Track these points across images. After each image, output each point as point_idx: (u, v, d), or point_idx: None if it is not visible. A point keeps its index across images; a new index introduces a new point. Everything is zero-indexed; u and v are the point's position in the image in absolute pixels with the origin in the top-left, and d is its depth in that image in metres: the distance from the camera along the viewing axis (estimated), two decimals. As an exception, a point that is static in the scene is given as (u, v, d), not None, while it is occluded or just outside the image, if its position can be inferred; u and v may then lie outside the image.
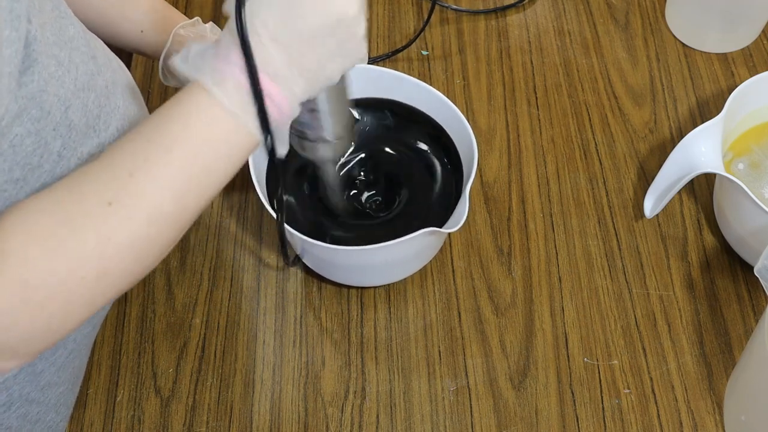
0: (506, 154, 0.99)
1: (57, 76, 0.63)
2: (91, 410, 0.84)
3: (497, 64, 1.06)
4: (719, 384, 0.84)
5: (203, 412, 0.84)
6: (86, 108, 0.67)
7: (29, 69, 0.59)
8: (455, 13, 1.11)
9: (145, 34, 0.84)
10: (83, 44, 0.69)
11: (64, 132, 0.64)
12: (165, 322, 0.89)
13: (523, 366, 0.85)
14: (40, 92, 0.61)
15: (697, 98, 1.03)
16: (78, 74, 0.66)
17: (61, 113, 0.63)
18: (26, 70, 0.59)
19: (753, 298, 0.89)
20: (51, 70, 0.62)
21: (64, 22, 0.67)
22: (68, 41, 0.66)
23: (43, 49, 0.61)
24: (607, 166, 0.98)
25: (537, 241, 0.93)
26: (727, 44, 1.07)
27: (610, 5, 1.12)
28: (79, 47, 0.67)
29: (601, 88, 1.04)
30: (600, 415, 0.82)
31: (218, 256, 0.93)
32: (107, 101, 0.70)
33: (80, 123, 0.66)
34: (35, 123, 0.61)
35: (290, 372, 0.85)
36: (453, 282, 0.90)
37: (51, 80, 0.62)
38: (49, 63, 0.62)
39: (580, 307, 0.88)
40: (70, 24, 0.68)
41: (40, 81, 0.61)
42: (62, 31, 0.66)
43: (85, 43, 0.69)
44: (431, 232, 0.78)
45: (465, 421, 0.82)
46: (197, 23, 0.86)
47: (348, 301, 0.89)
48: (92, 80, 0.68)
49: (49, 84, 0.62)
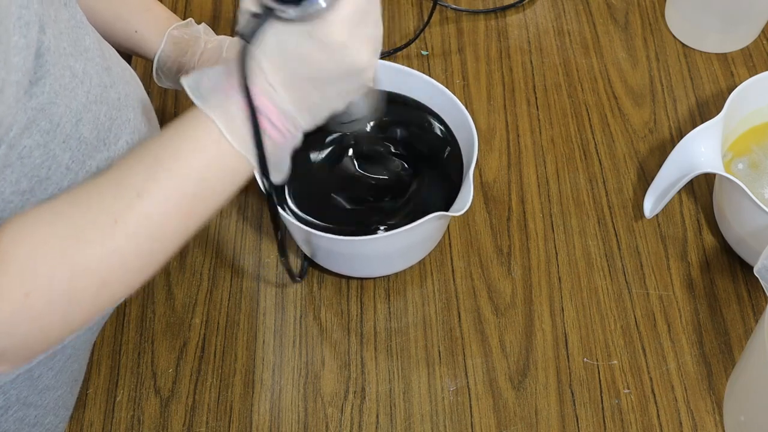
0: (506, 154, 0.99)
1: (70, 87, 0.63)
2: (90, 410, 0.84)
3: (497, 64, 1.06)
4: (719, 384, 0.84)
5: (203, 412, 0.84)
6: (98, 121, 0.66)
7: (41, 80, 0.59)
8: (455, 13, 1.11)
9: (139, 35, 0.84)
10: (98, 55, 0.68)
11: (73, 145, 0.64)
12: (165, 322, 0.89)
13: (522, 366, 0.85)
14: (50, 104, 0.60)
15: (696, 98, 1.03)
16: (91, 86, 0.66)
17: (72, 126, 0.63)
18: (38, 81, 0.59)
19: (753, 298, 0.89)
20: (64, 82, 0.62)
21: (80, 32, 0.66)
22: (84, 52, 0.66)
23: (57, 60, 0.61)
24: (607, 166, 0.98)
25: (537, 241, 0.93)
26: (727, 44, 1.07)
27: (609, 5, 1.12)
28: (94, 58, 0.67)
29: (600, 88, 1.04)
30: (600, 415, 0.82)
31: (218, 256, 0.93)
32: (119, 114, 0.70)
33: (91, 136, 0.66)
34: (44, 135, 0.61)
35: (290, 372, 0.85)
36: (453, 282, 0.90)
37: (63, 92, 0.62)
38: (63, 74, 0.62)
39: (579, 307, 0.88)
40: (86, 34, 0.67)
41: (51, 93, 0.60)
42: (78, 41, 0.65)
43: (100, 53, 0.69)
44: (439, 217, 0.78)
45: (465, 421, 0.82)
46: (191, 24, 0.86)
47: (348, 301, 0.89)
48: (105, 93, 0.68)
49: (60, 96, 0.62)
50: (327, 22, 0.57)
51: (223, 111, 0.59)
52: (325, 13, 0.56)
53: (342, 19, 0.57)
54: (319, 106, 0.62)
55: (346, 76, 0.60)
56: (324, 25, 0.57)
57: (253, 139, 0.59)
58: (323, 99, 0.61)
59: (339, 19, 0.57)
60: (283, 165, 0.64)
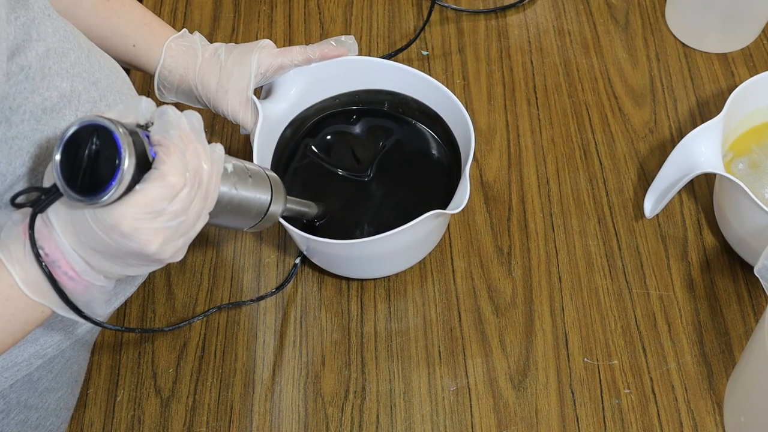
0: (506, 154, 0.99)
1: (57, 108, 0.64)
2: (91, 410, 0.84)
3: (497, 64, 1.06)
4: (719, 384, 0.84)
5: (203, 412, 0.84)
6: None
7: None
8: (455, 13, 1.11)
9: (137, 48, 0.84)
10: (85, 70, 0.69)
11: None
12: (165, 322, 0.89)
13: (523, 366, 0.85)
14: (33, 131, 0.61)
15: (697, 98, 1.03)
16: (80, 104, 0.66)
17: None
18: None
19: (753, 298, 0.89)
20: (51, 104, 0.63)
21: (66, 46, 0.67)
22: (69, 68, 0.66)
23: (39, 83, 0.61)
24: (607, 166, 0.98)
25: (537, 241, 0.93)
26: (727, 44, 1.06)
27: (610, 5, 1.12)
28: (81, 74, 0.68)
29: (601, 88, 1.04)
30: (600, 415, 0.82)
31: (218, 256, 0.93)
32: None
33: None
34: (34, 160, 0.62)
35: (290, 372, 0.85)
36: (453, 282, 0.90)
37: (45, 117, 0.63)
38: (51, 95, 0.63)
39: (580, 307, 0.88)
40: (71, 49, 0.68)
41: (32, 120, 0.61)
42: (63, 57, 0.66)
43: (88, 68, 0.69)
44: (437, 215, 0.78)
45: (465, 421, 0.82)
46: (185, 35, 0.85)
47: (348, 301, 0.89)
48: (95, 108, 0.68)
49: (42, 122, 0.63)
50: (111, 212, 0.56)
51: (17, 263, 0.58)
52: (109, 204, 0.56)
53: (125, 213, 0.56)
54: (110, 271, 0.61)
55: (133, 258, 0.60)
56: (107, 212, 0.56)
57: (53, 288, 0.59)
58: (113, 266, 0.60)
59: (122, 213, 0.56)
60: (93, 303, 0.62)
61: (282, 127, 0.89)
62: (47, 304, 0.60)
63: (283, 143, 0.90)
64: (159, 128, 0.58)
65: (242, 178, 0.69)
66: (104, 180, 0.55)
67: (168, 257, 0.61)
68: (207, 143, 0.61)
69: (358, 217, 0.88)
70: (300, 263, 0.90)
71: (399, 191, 0.89)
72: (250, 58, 0.83)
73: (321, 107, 0.92)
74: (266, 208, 0.73)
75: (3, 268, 0.58)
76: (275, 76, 0.86)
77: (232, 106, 0.84)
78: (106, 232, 0.57)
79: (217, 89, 0.83)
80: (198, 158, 0.59)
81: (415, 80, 0.89)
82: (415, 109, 0.91)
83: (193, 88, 0.84)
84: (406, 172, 0.90)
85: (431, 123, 0.90)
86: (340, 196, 0.89)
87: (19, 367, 0.73)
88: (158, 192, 0.57)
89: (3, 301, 0.58)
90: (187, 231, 0.61)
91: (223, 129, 1.02)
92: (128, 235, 0.57)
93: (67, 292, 0.59)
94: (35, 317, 0.60)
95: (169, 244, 0.59)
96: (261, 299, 0.88)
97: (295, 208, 0.80)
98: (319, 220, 0.86)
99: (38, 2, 0.65)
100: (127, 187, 0.56)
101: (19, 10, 0.62)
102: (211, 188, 0.61)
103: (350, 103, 0.92)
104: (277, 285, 0.89)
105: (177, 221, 0.59)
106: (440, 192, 0.87)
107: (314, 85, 0.89)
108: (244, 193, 0.69)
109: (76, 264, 0.59)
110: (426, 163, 0.90)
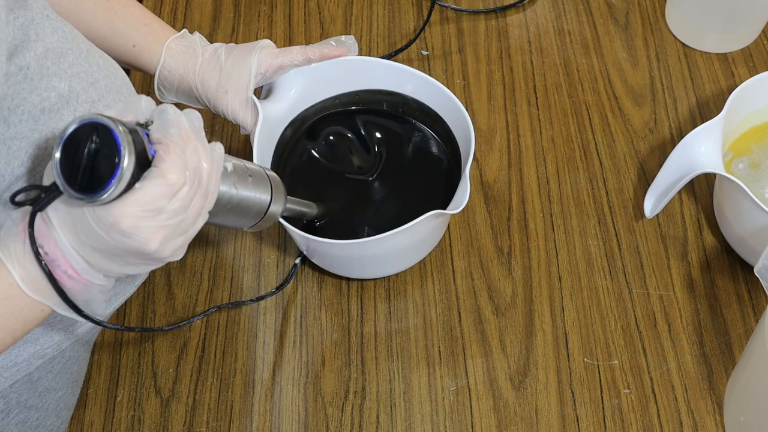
0: (506, 154, 0.99)
1: (55, 109, 0.64)
2: (91, 410, 0.84)
3: (497, 64, 1.06)
4: (719, 384, 0.84)
5: (203, 412, 0.84)
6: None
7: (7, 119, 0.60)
8: (455, 13, 1.11)
9: (137, 49, 0.84)
10: (84, 70, 0.69)
11: None
12: (165, 322, 0.89)
13: (523, 366, 0.85)
14: (31, 131, 0.61)
15: (697, 98, 1.03)
16: (78, 104, 0.66)
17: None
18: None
19: (753, 298, 0.89)
20: (49, 104, 0.63)
21: (64, 47, 0.67)
22: (68, 68, 0.66)
23: (37, 84, 0.61)
24: (607, 166, 0.98)
25: (537, 241, 0.93)
26: (727, 44, 1.06)
27: (610, 5, 1.12)
28: (79, 74, 0.68)
29: (601, 88, 1.04)
30: (600, 415, 0.82)
31: (218, 256, 0.93)
32: None
33: None
34: (33, 161, 0.62)
35: (290, 372, 0.85)
36: (453, 282, 0.90)
37: (42, 117, 0.63)
38: (49, 96, 0.62)
39: (580, 307, 0.88)
40: (69, 50, 0.68)
41: (30, 120, 0.61)
42: (62, 58, 0.66)
43: (87, 68, 0.69)
44: (437, 215, 0.78)
45: (465, 421, 0.82)
46: (186, 35, 0.85)
47: (348, 301, 0.89)
48: (93, 108, 0.68)
49: (41, 122, 0.63)
50: (110, 210, 0.56)
51: (17, 265, 0.59)
52: (109, 202, 0.56)
53: (125, 212, 0.56)
54: (110, 270, 0.61)
55: (132, 256, 0.60)
56: (107, 210, 0.56)
57: (53, 286, 0.59)
58: (113, 265, 0.60)
59: (122, 211, 0.56)
60: (93, 302, 0.63)
61: (282, 127, 0.89)
62: (47, 303, 0.60)
63: (283, 143, 0.90)
64: (159, 126, 0.58)
65: (242, 178, 0.69)
66: (104, 178, 0.55)
67: (167, 256, 0.61)
68: (207, 142, 0.61)
69: (358, 217, 0.88)
70: (300, 263, 0.90)
71: (399, 191, 0.89)
72: (250, 58, 0.83)
73: (321, 107, 0.92)
74: (266, 208, 0.73)
75: (2, 266, 0.58)
76: (275, 76, 0.86)
77: (232, 106, 0.84)
78: (105, 231, 0.57)
79: (217, 89, 0.83)
80: (198, 156, 0.59)
81: (415, 80, 0.89)
82: (415, 109, 0.91)
83: (193, 88, 0.84)
84: (406, 173, 0.90)
85: (431, 123, 0.90)
86: (340, 196, 0.89)
87: (19, 367, 0.73)
88: (158, 190, 0.57)
89: (2, 299, 0.58)
90: (187, 229, 0.61)
91: (223, 129, 1.02)
92: (128, 233, 0.57)
93: (66, 290, 0.59)
94: (35, 316, 0.60)
95: (168, 243, 0.60)
96: (261, 299, 0.88)
97: (295, 208, 0.80)
98: (319, 221, 0.86)
99: (37, 3, 0.65)
100: (127, 185, 0.56)
101: (18, 11, 0.62)
102: (211, 187, 0.61)
103: (350, 103, 0.92)
104: (277, 285, 0.89)
105: (177, 219, 0.59)
106: (440, 192, 0.87)
107: (314, 85, 0.89)
108: (244, 192, 0.69)
109: (75, 262, 0.59)
110: (426, 163, 0.90)
